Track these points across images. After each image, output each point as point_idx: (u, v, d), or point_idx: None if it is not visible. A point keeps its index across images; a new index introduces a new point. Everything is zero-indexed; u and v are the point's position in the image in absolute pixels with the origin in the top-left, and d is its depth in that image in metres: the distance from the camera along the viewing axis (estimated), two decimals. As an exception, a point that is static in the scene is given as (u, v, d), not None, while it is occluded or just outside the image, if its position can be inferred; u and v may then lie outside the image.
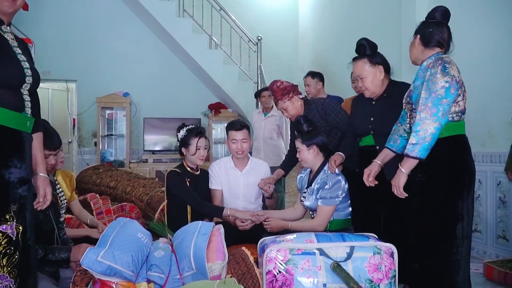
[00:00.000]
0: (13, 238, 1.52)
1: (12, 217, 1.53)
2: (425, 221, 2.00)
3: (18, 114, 1.58)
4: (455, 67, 1.96)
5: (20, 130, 1.59)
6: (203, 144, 2.84)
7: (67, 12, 6.25)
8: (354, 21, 5.59)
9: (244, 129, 2.90)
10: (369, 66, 2.38)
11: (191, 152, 2.82)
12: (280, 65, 7.18)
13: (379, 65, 2.38)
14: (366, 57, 2.40)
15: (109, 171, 4.63)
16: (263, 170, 3.04)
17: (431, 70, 1.95)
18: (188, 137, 2.83)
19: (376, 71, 2.38)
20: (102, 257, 1.72)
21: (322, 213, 2.48)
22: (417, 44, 2.11)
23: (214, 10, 6.18)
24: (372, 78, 2.38)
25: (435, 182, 1.98)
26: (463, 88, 1.97)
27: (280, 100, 2.84)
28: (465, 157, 1.98)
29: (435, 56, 2.02)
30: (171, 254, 1.91)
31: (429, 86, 1.92)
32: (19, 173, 1.57)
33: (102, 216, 3.40)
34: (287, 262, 1.83)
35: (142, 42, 6.57)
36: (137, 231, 1.93)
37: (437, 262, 1.97)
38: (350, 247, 1.87)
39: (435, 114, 1.87)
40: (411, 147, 1.91)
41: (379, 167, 2.24)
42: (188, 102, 6.71)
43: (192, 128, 2.87)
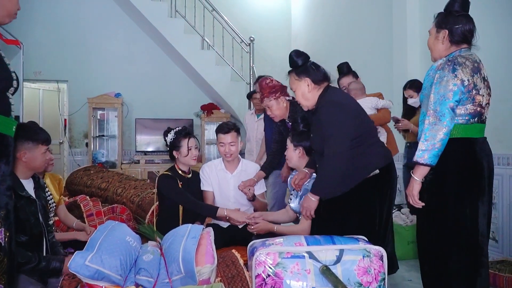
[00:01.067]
0: (2, 244, 1.51)
1: (0, 223, 1.51)
2: (432, 221, 2.01)
3: (6, 118, 1.57)
4: (468, 69, 1.89)
5: (6, 134, 1.58)
6: (194, 144, 2.84)
7: (58, 12, 6.21)
8: (346, 22, 5.60)
9: (232, 131, 2.88)
10: (295, 79, 2.28)
11: (184, 154, 2.80)
12: (272, 66, 7.15)
13: (305, 77, 2.23)
14: (293, 70, 2.30)
15: (100, 173, 4.60)
16: (253, 172, 3.03)
17: (440, 72, 1.91)
18: (177, 139, 2.81)
19: (301, 84, 2.26)
20: (89, 261, 1.71)
21: None
22: (445, 39, 2.00)
23: (207, 10, 6.17)
24: (301, 92, 2.26)
25: (441, 184, 1.96)
26: (475, 91, 1.90)
27: (266, 98, 2.82)
28: (471, 161, 1.94)
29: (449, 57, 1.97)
30: (160, 258, 1.90)
31: (438, 90, 1.89)
32: (6, 179, 1.56)
33: (93, 218, 3.37)
34: (276, 266, 1.83)
35: (134, 43, 6.54)
36: (125, 234, 1.91)
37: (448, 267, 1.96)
38: (339, 250, 1.86)
39: (444, 119, 1.85)
40: (421, 154, 1.88)
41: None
42: (180, 103, 6.69)
43: (180, 130, 2.86)
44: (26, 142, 2.11)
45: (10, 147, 1.61)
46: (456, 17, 1.96)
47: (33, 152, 2.14)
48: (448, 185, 1.95)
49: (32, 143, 2.13)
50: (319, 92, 2.25)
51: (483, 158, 1.95)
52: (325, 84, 2.26)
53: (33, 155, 2.14)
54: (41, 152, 2.17)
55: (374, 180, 2.14)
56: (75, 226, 2.72)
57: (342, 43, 5.69)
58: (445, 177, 1.95)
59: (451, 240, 1.95)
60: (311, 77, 2.23)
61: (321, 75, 2.25)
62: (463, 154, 1.94)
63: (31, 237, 2.05)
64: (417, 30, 4.12)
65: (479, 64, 1.95)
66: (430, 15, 3.97)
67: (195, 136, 2.90)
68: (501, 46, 3.19)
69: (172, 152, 2.87)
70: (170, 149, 2.86)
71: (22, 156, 2.09)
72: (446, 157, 1.90)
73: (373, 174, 2.14)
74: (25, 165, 2.12)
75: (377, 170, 2.14)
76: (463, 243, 1.93)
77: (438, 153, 1.87)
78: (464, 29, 1.96)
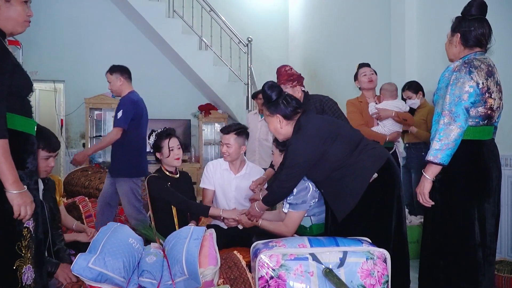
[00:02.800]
0: (32, 232, 1.64)
1: None
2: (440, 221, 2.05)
3: (30, 120, 1.69)
4: (483, 72, 1.92)
5: (31, 134, 1.69)
6: (175, 143, 2.83)
7: (55, 11, 6.18)
8: (344, 23, 5.61)
9: (231, 133, 2.88)
10: (267, 114, 2.30)
11: (165, 155, 2.81)
12: (270, 67, 7.14)
13: (276, 114, 2.24)
14: (266, 105, 2.31)
15: (98, 173, 4.60)
16: (257, 175, 3.03)
17: (456, 74, 1.94)
18: (158, 140, 2.82)
19: (273, 120, 2.27)
20: (93, 263, 1.71)
21: (291, 219, 2.39)
22: (457, 43, 2.04)
23: (204, 11, 6.16)
24: (274, 127, 2.29)
25: (449, 184, 2.01)
26: (488, 94, 1.93)
27: (283, 85, 2.80)
28: (478, 163, 1.98)
29: (464, 59, 1.99)
30: (162, 260, 1.89)
31: (453, 91, 1.92)
32: (33, 174, 1.68)
33: (92, 219, 3.38)
34: (280, 268, 1.83)
35: (131, 43, 6.51)
36: (128, 236, 1.91)
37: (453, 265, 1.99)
38: (343, 252, 1.87)
39: (459, 120, 1.89)
40: (434, 153, 1.93)
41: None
42: (178, 103, 6.67)
43: (161, 132, 2.87)
44: None
45: (35, 145, 1.71)
46: (469, 21, 1.99)
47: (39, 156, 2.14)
48: (456, 186, 1.99)
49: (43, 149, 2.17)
50: (292, 125, 2.25)
51: (491, 160, 1.99)
52: (297, 116, 2.26)
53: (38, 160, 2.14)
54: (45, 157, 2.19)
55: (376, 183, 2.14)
56: (75, 227, 2.71)
57: (339, 44, 5.70)
58: (454, 178, 2.00)
59: (459, 240, 1.98)
60: (281, 113, 2.24)
61: (292, 109, 2.24)
62: (471, 156, 1.98)
63: None
64: (415, 31, 4.13)
65: (493, 68, 1.99)
66: (428, 17, 4.04)
67: (177, 136, 2.90)
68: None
69: (155, 153, 2.87)
70: (154, 151, 2.87)
71: None
72: (455, 158, 1.94)
73: (373, 179, 2.13)
74: None
75: (375, 174, 2.13)
76: (471, 242, 1.97)
77: (451, 153, 1.91)
78: (477, 33, 1.98)
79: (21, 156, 1.62)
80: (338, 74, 5.71)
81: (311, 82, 6.46)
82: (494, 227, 2.02)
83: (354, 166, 2.14)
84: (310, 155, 2.14)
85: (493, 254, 2.03)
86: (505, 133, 3.17)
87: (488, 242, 1.98)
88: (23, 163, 1.63)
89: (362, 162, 2.14)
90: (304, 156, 2.14)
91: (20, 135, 1.62)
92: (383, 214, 2.16)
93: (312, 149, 2.13)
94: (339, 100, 5.30)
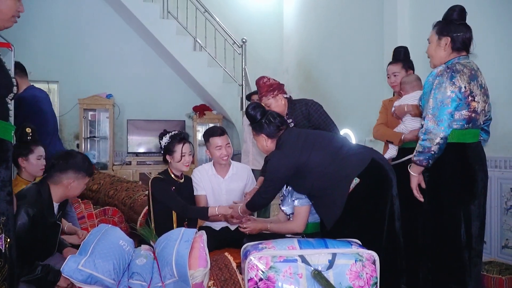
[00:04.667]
0: (2, 250, 1.49)
1: (1, 229, 1.49)
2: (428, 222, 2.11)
3: (5, 123, 1.55)
4: (466, 76, 1.97)
5: (5, 139, 1.56)
6: (188, 150, 2.80)
7: (49, 12, 6.17)
8: (337, 24, 5.64)
9: (225, 134, 2.92)
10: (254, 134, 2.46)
11: (176, 159, 2.77)
12: (264, 68, 7.16)
13: (261, 133, 2.40)
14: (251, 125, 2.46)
15: (92, 174, 4.58)
16: (245, 174, 3.04)
17: (439, 79, 1.99)
18: (172, 144, 2.78)
19: (260, 139, 2.43)
20: (83, 265, 1.72)
21: (299, 214, 2.47)
22: (447, 46, 2.08)
23: (199, 12, 6.17)
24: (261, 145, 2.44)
25: (435, 187, 2.08)
26: (471, 98, 1.99)
27: (264, 96, 2.84)
28: (464, 166, 2.03)
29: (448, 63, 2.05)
30: (153, 262, 1.91)
31: (436, 95, 1.97)
32: (6, 184, 1.54)
33: (84, 221, 3.36)
34: (269, 270, 1.84)
35: (126, 43, 6.50)
36: (119, 238, 1.92)
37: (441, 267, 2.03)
38: (332, 254, 1.88)
39: (441, 124, 1.95)
40: (417, 155, 2.04)
41: None
42: (172, 104, 6.68)
43: (175, 134, 2.82)
44: (79, 172, 2.20)
45: (9, 151, 1.58)
46: (457, 26, 2.06)
47: (80, 183, 2.22)
48: (442, 188, 2.05)
49: (84, 175, 2.23)
50: (275, 142, 2.40)
51: (477, 162, 2.05)
52: (281, 133, 2.40)
53: (79, 185, 2.22)
54: (85, 183, 2.27)
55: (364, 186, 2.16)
56: (66, 229, 2.70)
57: (333, 45, 5.73)
58: (440, 181, 2.06)
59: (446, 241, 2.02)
60: (265, 132, 2.39)
61: (275, 128, 2.38)
62: (456, 159, 2.03)
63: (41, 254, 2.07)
64: (407, 33, 4.16)
65: (477, 71, 2.04)
66: (420, 19, 4.07)
67: (190, 142, 2.87)
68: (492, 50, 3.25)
69: (165, 155, 2.84)
70: (164, 152, 2.83)
71: (69, 183, 2.17)
72: (440, 161, 2.00)
73: (355, 184, 2.15)
74: (65, 191, 2.19)
75: (356, 179, 2.14)
76: (457, 244, 2.01)
77: (434, 156, 1.99)
78: (465, 37, 2.06)
79: None
80: (332, 75, 5.73)
81: (305, 83, 6.49)
82: (479, 229, 2.06)
83: (334, 175, 2.19)
84: (287, 169, 2.25)
85: (478, 255, 2.07)
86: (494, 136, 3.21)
87: (474, 243, 2.02)
88: None
89: (342, 170, 2.19)
90: (280, 171, 2.27)
91: None
92: (375, 215, 2.17)
93: (287, 163, 2.25)
94: (333, 101, 5.37)
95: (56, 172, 2.16)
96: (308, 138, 2.31)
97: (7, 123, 1.57)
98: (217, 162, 2.96)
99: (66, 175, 2.15)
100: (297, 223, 2.48)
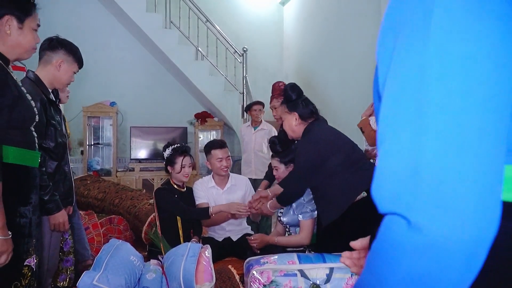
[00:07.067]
0: (34, 269, 1.61)
1: (33, 250, 1.61)
2: None
3: (32, 152, 1.63)
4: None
5: (34, 167, 1.65)
6: (188, 162, 2.96)
7: (53, 21, 6.25)
8: (336, 32, 5.76)
9: (226, 147, 3.07)
10: (285, 111, 2.53)
11: (176, 171, 2.94)
12: (264, 75, 7.32)
13: (294, 112, 2.48)
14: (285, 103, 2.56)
15: (97, 183, 4.69)
16: (243, 185, 3.18)
17: None
18: (173, 156, 2.95)
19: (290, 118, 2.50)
20: (97, 281, 1.83)
21: (305, 227, 2.63)
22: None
23: (201, 21, 6.29)
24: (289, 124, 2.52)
25: None
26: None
27: (275, 98, 3.01)
28: None
29: None
30: (161, 276, 2.03)
31: None
32: (36, 209, 1.65)
33: (89, 231, 3.47)
34: (270, 284, 1.96)
35: (129, 52, 6.63)
36: (129, 254, 2.04)
37: None
38: (329, 269, 2.00)
39: None
40: None
41: None
42: (174, 111, 6.80)
43: (177, 147, 2.99)
44: (69, 55, 2.20)
45: (37, 178, 1.69)
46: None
47: (69, 66, 2.21)
48: None
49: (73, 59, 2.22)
50: (304, 126, 2.47)
51: None
52: (311, 120, 2.47)
53: (68, 68, 2.21)
54: (74, 71, 2.25)
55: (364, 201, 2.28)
56: None
57: (332, 52, 5.85)
58: None
59: None
60: (299, 112, 2.46)
61: (309, 112, 2.46)
62: None
63: (57, 145, 2.11)
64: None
65: None
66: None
67: (191, 155, 3.03)
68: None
69: (167, 166, 3.01)
70: (166, 163, 3.00)
71: (57, 63, 2.16)
72: None
73: (360, 198, 2.27)
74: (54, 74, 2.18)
75: (363, 193, 2.27)
76: None
77: None
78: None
79: (24, 191, 1.59)
80: (331, 82, 5.85)
81: (305, 90, 6.54)
82: None
83: (346, 181, 2.29)
84: (314, 158, 2.33)
85: None
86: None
87: None
88: (27, 198, 1.59)
89: (355, 180, 2.29)
90: (308, 158, 2.35)
91: (22, 169, 1.57)
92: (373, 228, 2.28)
93: (314, 152, 2.33)
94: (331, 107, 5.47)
95: (46, 51, 2.17)
96: (340, 138, 2.45)
97: (34, 151, 1.66)
98: (216, 173, 3.09)
99: (57, 54, 2.15)
100: (304, 235, 2.63)
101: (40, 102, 1.96)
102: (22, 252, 1.56)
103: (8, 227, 1.46)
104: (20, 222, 1.56)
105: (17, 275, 1.54)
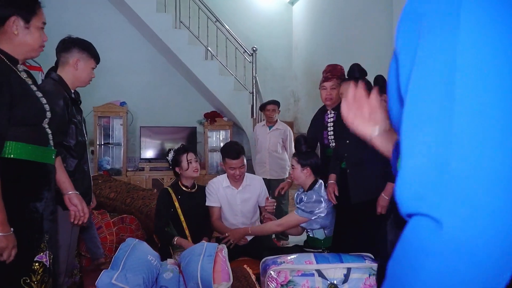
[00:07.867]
0: (47, 266, 1.60)
1: (45, 246, 1.61)
2: None
3: (44, 148, 1.64)
4: None
5: (46, 163, 1.66)
6: (193, 157, 2.99)
7: (63, 21, 6.29)
8: (345, 32, 5.74)
9: (241, 156, 3.00)
10: None
11: (184, 168, 2.95)
12: (273, 74, 7.31)
13: None
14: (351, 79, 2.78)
15: (108, 182, 4.72)
16: (258, 185, 3.16)
17: None
18: (177, 156, 2.98)
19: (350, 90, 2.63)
20: (116, 280, 1.84)
21: (289, 218, 2.71)
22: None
23: (210, 21, 6.29)
24: None
25: None
26: None
27: (335, 79, 3.14)
28: None
29: None
30: (179, 276, 2.03)
31: None
32: (49, 204, 1.66)
33: (102, 230, 3.49)
34: (288, 283, 1.96)
35: (139, 52, 6.64)
36: (147, 253, 2.04)
37: None
38: (347, 269, 2.00)
39: None
40: None
41: None
42: (184, 111, 6.81)
43: (178, 148, 3.05)
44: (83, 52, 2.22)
45: (51, 173, 1.69)
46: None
47: (86, 63, 2.22)
48: None
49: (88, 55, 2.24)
50: None
51: None
52: None
53: (86, 65, 2.22)
54: (92, 67, 2.27)
55: None
56: None
57: (341, 52, 5.83)
58: None
59: None
60: None
61: None
62: None
63: (77, 143, 2.13)
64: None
65: None
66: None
67: (193, 151, 3.06)
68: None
69: (174, 168, 3.02)
70: (173, 166, 3.03)
71: (74, 63, 2.18)
72: None
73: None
74: (74, 73, 2.19)
75: None
76: None
77: None
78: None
79: (36, 187, 1.59)
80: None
81: (313, 89, 6.59)
82: None
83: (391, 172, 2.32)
84: None
85: None
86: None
87: None
88: (39, 194, 1.60)
89: None
90: None
91: (33, 165, 1.58)
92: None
93: None
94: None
95: (61, 53, 2.19)
96: None
97: (47, 148, 1.66)
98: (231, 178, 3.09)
99: (71, 54, 2.17)
100: (282, 225, 2.71)
101: (63, 100, 1.98)
102: (32, 247, 1.55)
103: (18, 222, 1.47)
104: (30, 217, 1.56)
105: (26, 270, 1.52)
